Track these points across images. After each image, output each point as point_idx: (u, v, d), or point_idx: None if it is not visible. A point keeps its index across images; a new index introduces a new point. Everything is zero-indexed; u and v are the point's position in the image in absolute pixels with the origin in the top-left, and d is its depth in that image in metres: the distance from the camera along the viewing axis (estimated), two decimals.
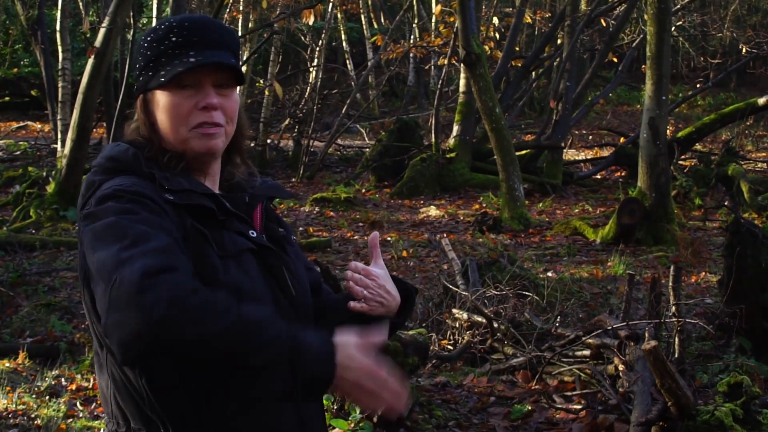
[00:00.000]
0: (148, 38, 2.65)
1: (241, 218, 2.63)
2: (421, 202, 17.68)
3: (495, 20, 23.14)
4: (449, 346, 8.86)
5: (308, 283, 2.82)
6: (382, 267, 2.75)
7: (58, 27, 18.96)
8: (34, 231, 14.31)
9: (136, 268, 2.21)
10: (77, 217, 2.55)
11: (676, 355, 7.11)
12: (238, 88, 2.72)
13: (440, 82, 20.89)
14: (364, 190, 18.98)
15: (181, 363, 2.30)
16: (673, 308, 7.19)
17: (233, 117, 2.67)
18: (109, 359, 2.51)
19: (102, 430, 2.64)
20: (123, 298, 2.19)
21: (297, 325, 2.37)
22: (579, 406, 6.95)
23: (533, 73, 24.20)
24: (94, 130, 18.00)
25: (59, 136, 17.35)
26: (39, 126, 27.69)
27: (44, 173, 17.60)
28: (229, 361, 2.25)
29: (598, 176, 20.66)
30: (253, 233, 2.63)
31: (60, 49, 18.40)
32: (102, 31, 14.84)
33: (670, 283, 7.30)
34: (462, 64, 16.85)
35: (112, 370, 2.51)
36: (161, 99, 2.61)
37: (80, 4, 24.97)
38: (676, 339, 7.18)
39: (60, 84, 17.68)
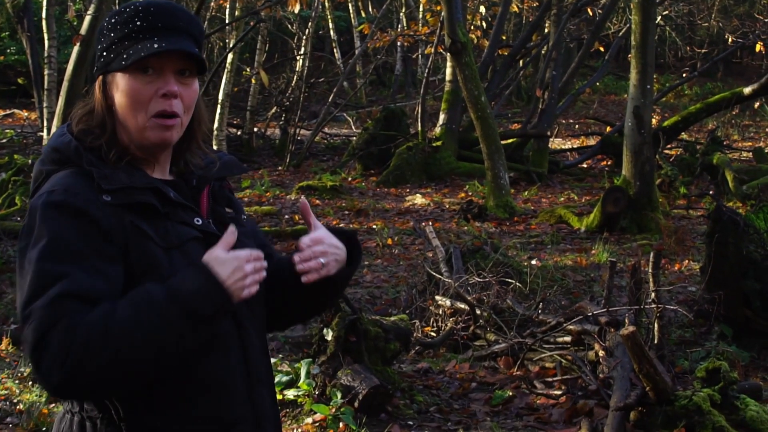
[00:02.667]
0: (112, 20, 2.62)
1: (185, 206, 2.64)
2: (407, 190, 17.70)
3: (482, 9, 23.22)
4: (432, 333, 8.90)
5: None
6: (321, 226, 2.75)
7: (44, 15, 18.90)
8: (19, 218, 14.29)
9: (32, 331, 2.36)
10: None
11: (656, 341, 7.17)
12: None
13: (427, 70, 20.90)
14: (350, 179, 19.00)
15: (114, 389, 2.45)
16: (653, 294, 7.25)
17: (191, 106, 2.66)
18: None
19: (60, 410, 2.69)
20: (30, 360, 2.39)
21: (169, 279, 2.47)
22: (559, 392, 7.01)
23: (520, 62, 24.20)
24: None
25: (45, 123, 17.31)
26: (25, 114, 27.64)
27: (30, 161, 17.57)
28: (147, 361, 2.39)
29: (584, 165, 20.70)
30: (198, 221, 2.64)
31: (46, 36, 18.36)
32: (87, 19, 14.80)
33: (650, 270, 7.36)
34: (448, 53, 16.87)
35: None
36: (121, 82, 2.59)
37: None
38: (656, 325, 7.24)
39: (46, 72, 17.64)
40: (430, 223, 12.98)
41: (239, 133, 22.69)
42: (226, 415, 2.61)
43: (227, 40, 21.54)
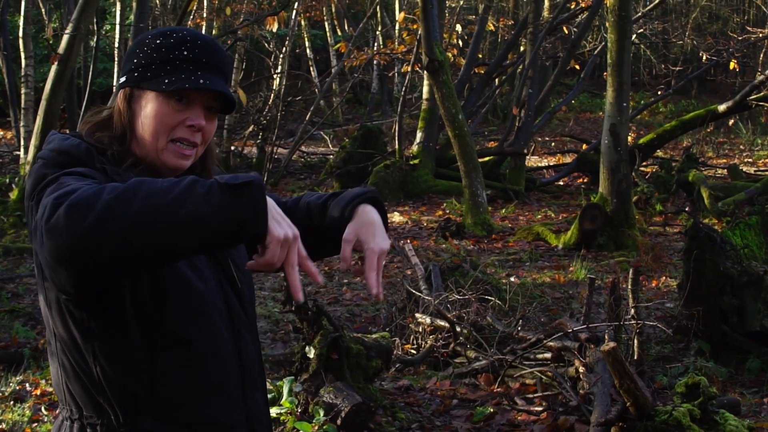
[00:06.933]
0: (157, 40, 2.66)
1: None
2: (385, 208, 17.71)
3: (458, 27, 23.30)
4: (412, 350, 8.92)
5: (251, 274, 2.87)
6: (352, 235, 2.67)
7: (20, 33, 18.91)
8: None
9: (48, 200, 2.21)
10: (26, 211, 2.52)
11: (635, 357, 7.22)
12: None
13: (404, 89, 20.96)
14: None
15: (123, 258, 2.19)
16: (632, 311, 7.30)
17: (207, 140, 2.72)
18: (59, 348, 2.57)
19: (58, 416, 2.69)
20: (39, 234, 2.22)
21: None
22: (540, 408, 7.04)
23: (496, 80, 24.32)
24: None
25: (22, 142, 17.29)
26: (1, 133, 27.57)
27: (7, 180, 17.54)
28: (149, 212, 2.17)
29: (561, 182, 20.78)
30: None
31: (23, 55, 18.35)
32: (65, 38, 14.83)
33: (629, 286, 7.41)
34: (425, 71, 16.94)
35: (63, 359, 2.56)
36: (152, 103, 2.63)
37: (43, 10, 24.89)
38: (635, 341, 7.29)
39: (23, 90, 17.63)
40: (409, 241, 13.03)
41: (216, 151, 22.69)
42: (222, 419, 2.66)
43: None
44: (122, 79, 2.70)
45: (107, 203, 2.15)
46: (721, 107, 19.31)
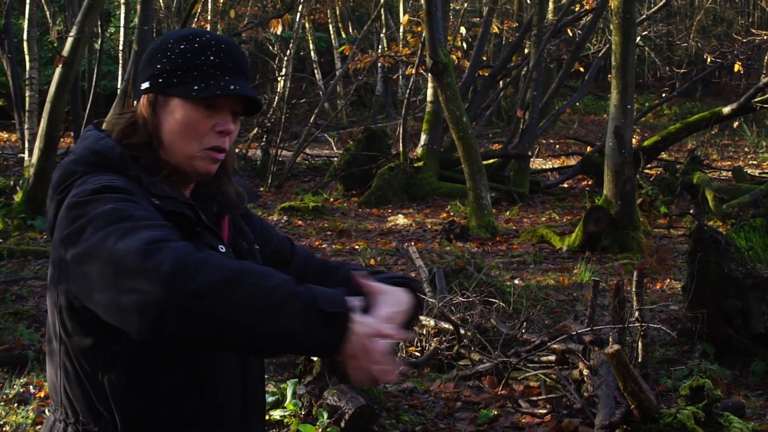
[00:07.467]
0: (181, 45, 2.62)
1: (212, 231, 2.63)
2: (389, 210, 17.73)
3: (462, 30, 23.30)
4: (417, 353, 8.91)
5: None
6: (383, 294, 2.42)
7: (25, 36, 18.91)
8: (1, 240, 14.27)
9: (140, 237, 2.19)
10: (48, 203, 2.51)
11: (640, 360, 7.21)
12: None
13: (408, 91, 20.97)
14: (332, 199, 19.01)
15: (201, 336, 2.17)
16: (636, 313, 7.29)
17: (231, 142, 2.71)
18: (63, 351, 2.52)
19: (49, 417, 2.65)
20: (130, 267, 2.16)
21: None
22: (544, 411, 7.02)
23: (500, 82, 24.28)
24: (62, 139, 17.94)
25: (26, 145, 17.30)
26: (6, 135, 27.59)
27: (11, 182, 17.55)
28: (246, 311, 2.14)
29: (565, 185, 20.78)
30: (222, 248, 2.63)
31: (27, 58, 18.36)
32: (69, 41, 14.83)
33: (633, 289, 7.40)
34: (429, 74, 16.92)
35: (65, 363, 2.52)
36: (181, 110, 2.59)
37: (47, 13, 24.90)
38: (640, 343, 7.28)
39: (27, 93, 17.63)
40: (413, 243, 13.02)
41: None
42: None
43: None
44: (145, 85, 2.64)
45: (217, 282, 2.13)
46: (726, 109, 19.29)
